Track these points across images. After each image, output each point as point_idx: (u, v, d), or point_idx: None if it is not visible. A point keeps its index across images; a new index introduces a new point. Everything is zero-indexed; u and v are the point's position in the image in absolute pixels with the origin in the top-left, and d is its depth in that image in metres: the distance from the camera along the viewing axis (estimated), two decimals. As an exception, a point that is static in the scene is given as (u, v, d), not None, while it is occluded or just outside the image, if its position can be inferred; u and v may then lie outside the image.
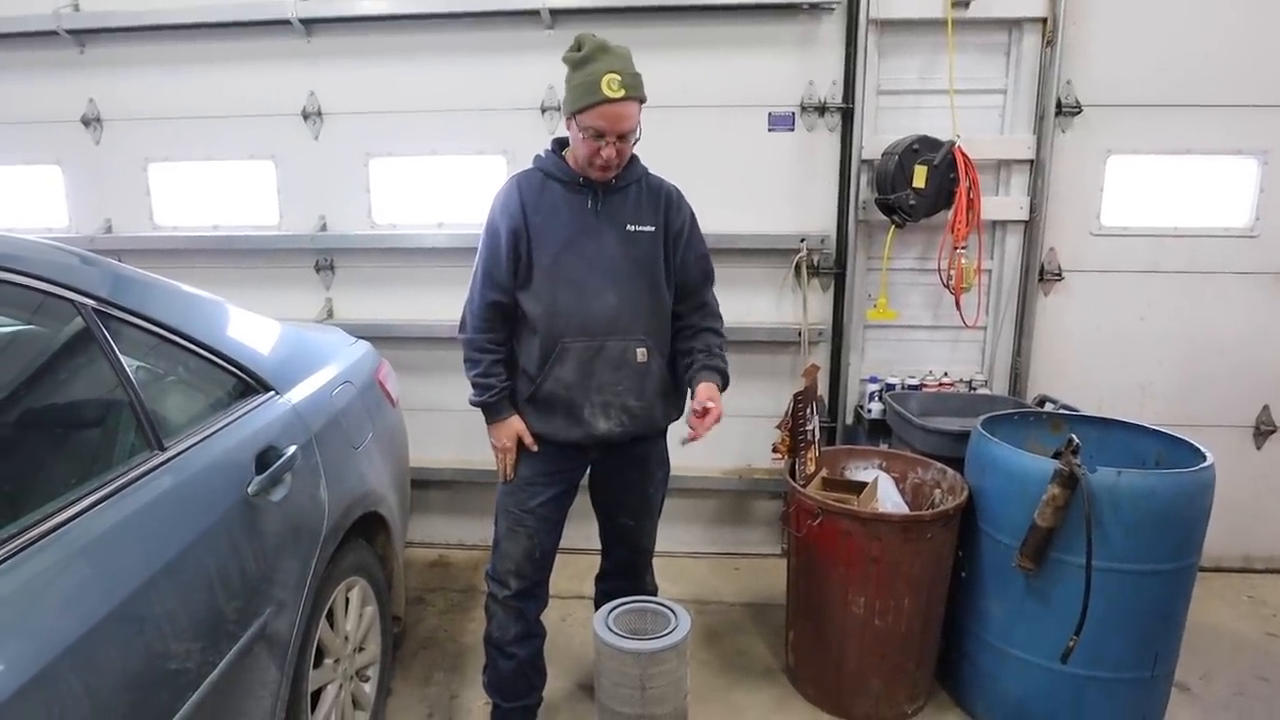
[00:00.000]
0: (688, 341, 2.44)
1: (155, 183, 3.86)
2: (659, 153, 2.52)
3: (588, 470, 2.51)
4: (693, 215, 2.45)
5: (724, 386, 2.36)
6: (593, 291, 2.26)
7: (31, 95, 3.81)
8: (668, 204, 2.38)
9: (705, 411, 2.26)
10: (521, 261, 2.29)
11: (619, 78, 2.10)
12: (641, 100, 2.18)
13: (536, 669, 2.57)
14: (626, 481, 2.51)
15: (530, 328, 2.30)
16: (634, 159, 2.36)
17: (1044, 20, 3.35)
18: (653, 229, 2.34)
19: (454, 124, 3.67)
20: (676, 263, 2.40)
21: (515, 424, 2.35)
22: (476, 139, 3.68)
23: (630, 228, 2.31)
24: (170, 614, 1.50)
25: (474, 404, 2.37)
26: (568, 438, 2.32)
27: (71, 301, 1.62)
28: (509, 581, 2.42)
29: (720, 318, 2.52)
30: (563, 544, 2.52)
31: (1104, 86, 3.42)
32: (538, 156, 2.39)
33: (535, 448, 2.35)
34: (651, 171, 2.43)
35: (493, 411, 2.35)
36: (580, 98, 2.14)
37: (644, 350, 2.31)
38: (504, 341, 2.36)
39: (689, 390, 2.40)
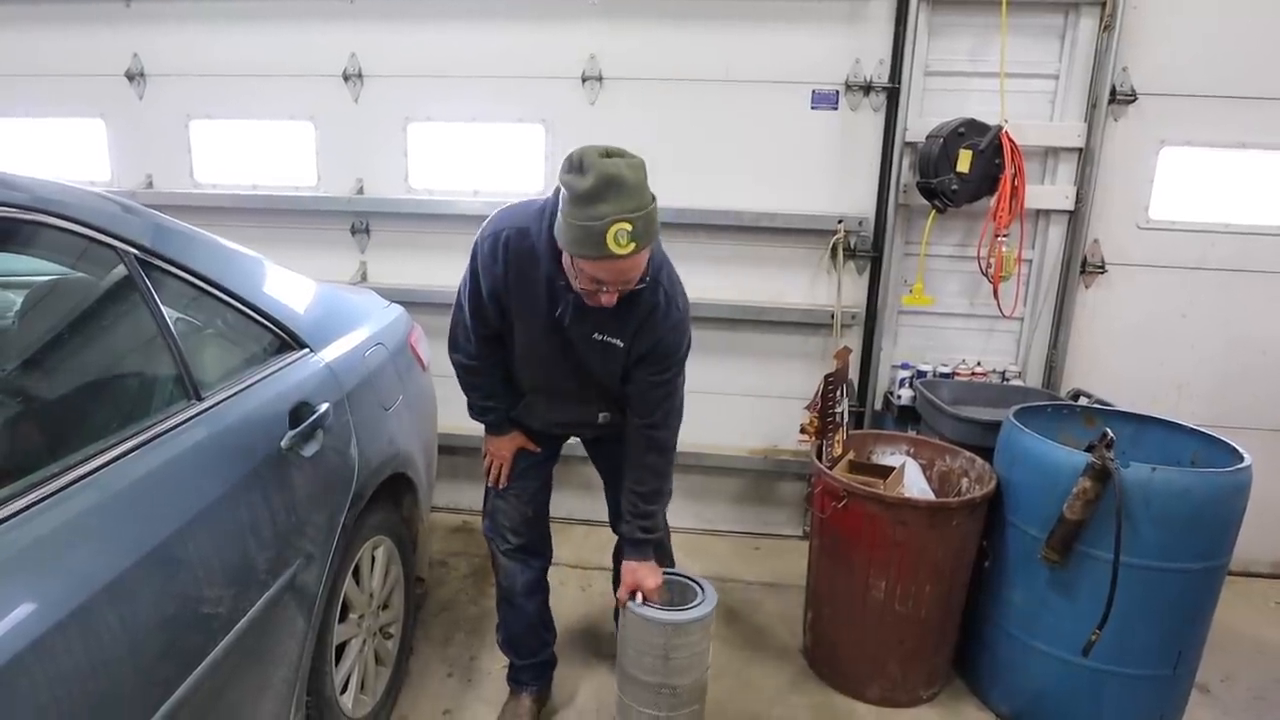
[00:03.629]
0: (624, 495, 2.30)
1: (196, 139, 3.90)
2: (699, 129, 2.50)
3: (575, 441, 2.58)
4: (674, 338, 2.14)
5: (658, 548, 2.35)
6: (555, 377, 2.26)
7: (77, 48, 3.85)
8: (640, 326, 2.08)
9: (633, 594, 2.25)
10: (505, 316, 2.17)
11: (629, 229, 1.74)
12: (652, 243, 1.87)
13: (545, 623, 2.61)
14: (619, 449, 2.40)
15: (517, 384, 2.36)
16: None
17: (1103, 4, 3.26)
18: (620, 344, 2.11)
19: (493, 91, 3.66)
20: (639, 385, 2.18)
21: (517, 439, 2.42)
22: (516, 107, 3.66)
23: (596, 336, 2.10)
24: (204, 560, 1.53)
25: (474, 419, 2.42)
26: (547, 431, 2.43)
27: (115, 249, 1.64)
28: (508, 536, 2.48)
29: (662, 476, 2.29)
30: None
31: (1161, 75, 3.33)
32: (541, 212, 2.03)
33: (539, 450, 2.44)
34: (657, 275, 2.05)
35: (493, 429, 2.42)
36: (580, 244, 1.80)
37: (605, 415, 2.36)
38: (500, 361, 2.31)
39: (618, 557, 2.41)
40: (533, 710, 2.55)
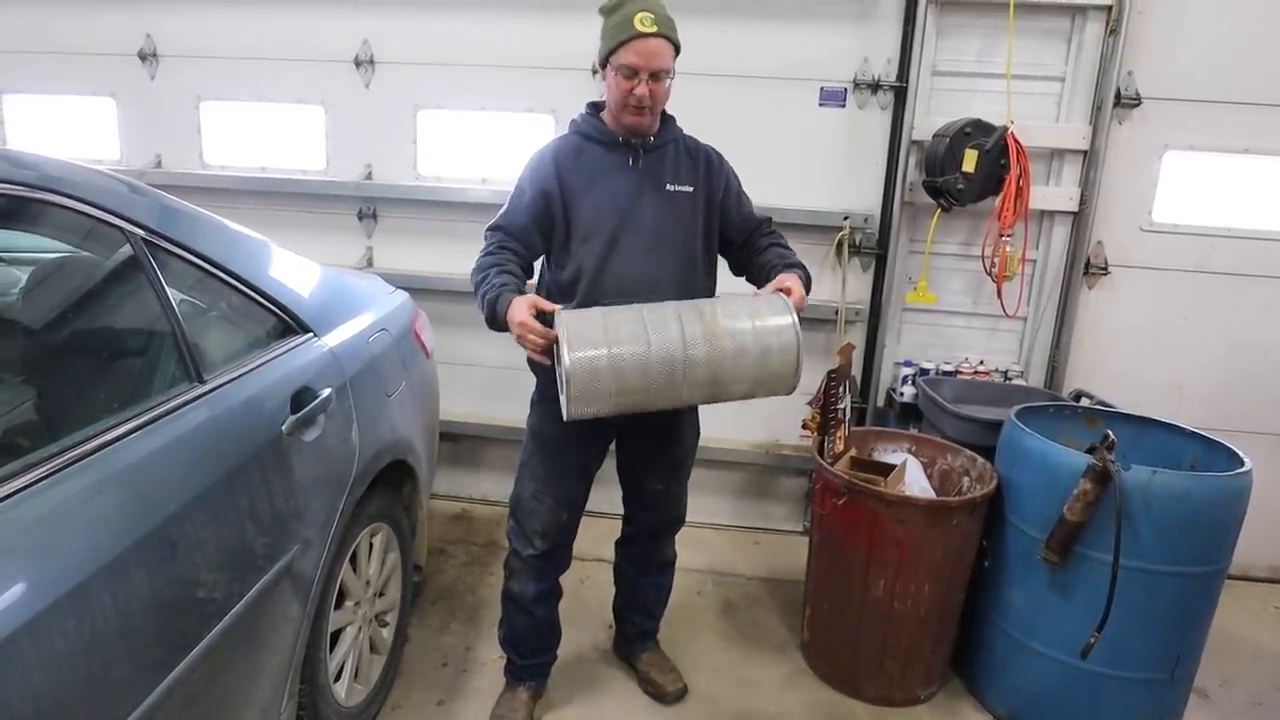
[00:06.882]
0: (759, 256, 2.37)
1: (206, 121, 3.89)
2: (707, 122, 2.49)
3: (617, 435, 2.47)
4: (734, 174, 2.41)
5: (807, 285, 2.22)
6: (632, 251, 2.21)
7: (90, 27, 3.84)
8: (707, 167, 2.34)
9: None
10: (557, 226, 2.24)
11: (651, 15, 2.11)
12: (675, 44, 2.17)
13: (552, 627, 2.59)
14: (658, 448, 2.48)
15: (564, 296, 2.23)
16: (670, 119, 2.33)
17: (1109, 8, 3.25)
18: (691, 189, 2.30)
19: (504, 80, 3.65)
20: (735, 219, 2.37)
21: (526, 298, 2.04)
22: (526, 97, 3.66)
23: (670, 187, 2.27)
24: (201, 543, 1.53)
25: (489, 294, 2.10)
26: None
27: (121, 229, 1.63)
28: (535, 542, 2.42)
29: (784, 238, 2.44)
30: (586, 507, 2.51)
31: (1165, 79, 3.33)
32: (573, 121, 2.35)
33: (554, 305, 2.02)
34: (688, 134, 2.38)
35: (503, 307, 2.06)
36: (613, 37, 2.15)
37: None
38: (510, 260, 2.18)
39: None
40: (529, 704, 2.54)
